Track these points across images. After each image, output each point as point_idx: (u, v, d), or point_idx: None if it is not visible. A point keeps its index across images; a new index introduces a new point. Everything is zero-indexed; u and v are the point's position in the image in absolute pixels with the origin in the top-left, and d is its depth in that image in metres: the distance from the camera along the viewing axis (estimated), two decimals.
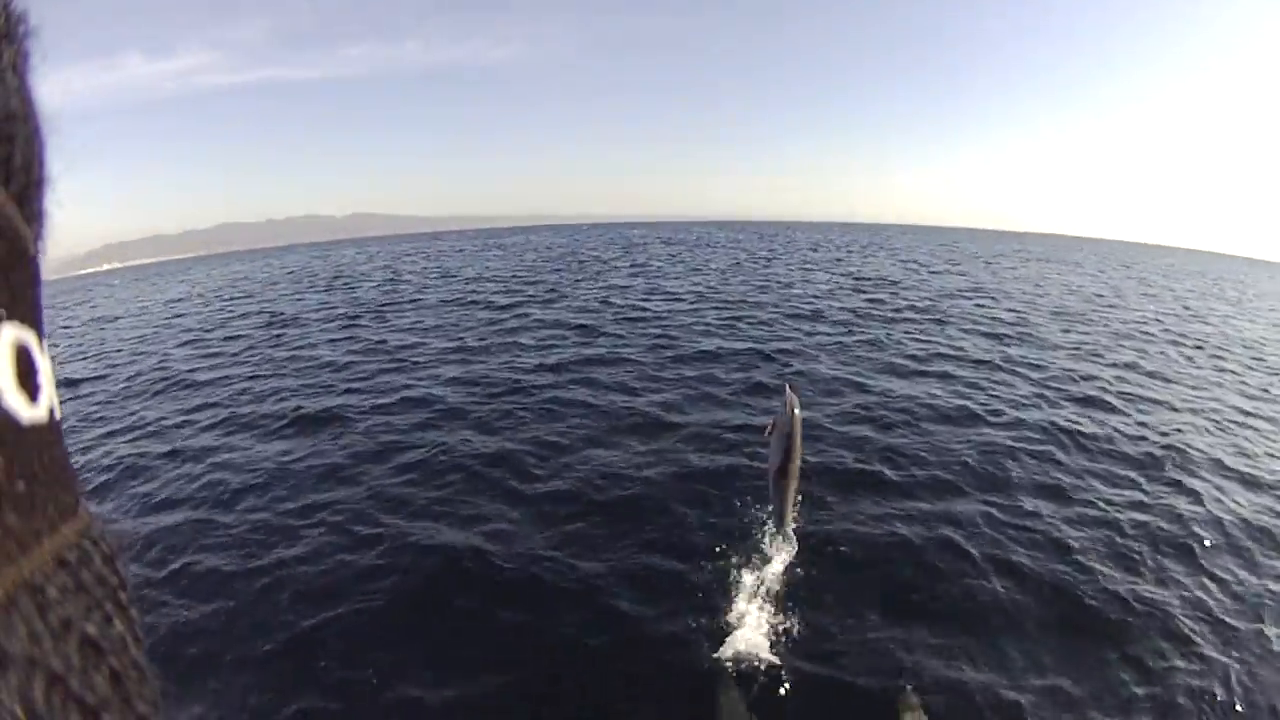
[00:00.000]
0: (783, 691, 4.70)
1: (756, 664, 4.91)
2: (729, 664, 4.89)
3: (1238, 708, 4.75)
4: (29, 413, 0.25)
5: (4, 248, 0.25)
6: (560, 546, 6.45)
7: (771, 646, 5.08)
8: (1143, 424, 10.36)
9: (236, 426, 10.28)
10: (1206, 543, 6.84)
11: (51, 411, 0.28)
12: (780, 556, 6.12)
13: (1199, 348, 17.16)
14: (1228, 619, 5.68)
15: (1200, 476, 8.46)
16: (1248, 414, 11.35)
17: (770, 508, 6.38)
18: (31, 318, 0.27)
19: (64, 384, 13.77)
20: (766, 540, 6.38)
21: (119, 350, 18.19)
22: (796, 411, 5.35)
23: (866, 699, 4.68)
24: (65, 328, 25.22)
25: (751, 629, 5.25)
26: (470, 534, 6.67)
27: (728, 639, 5.12)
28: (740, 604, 5.54)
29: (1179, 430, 10.15)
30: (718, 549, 6.35)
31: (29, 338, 0.26)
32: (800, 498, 6.06)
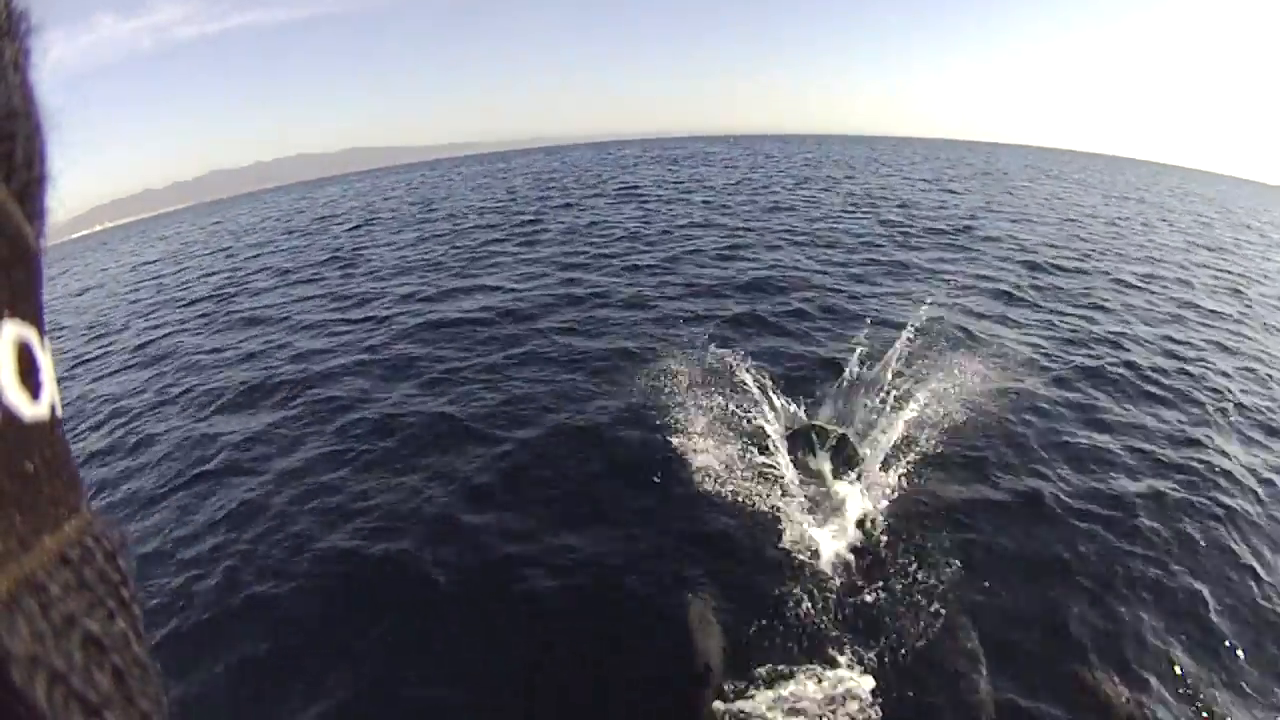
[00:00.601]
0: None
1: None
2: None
3: None
4: (31, 410, 0.25)
5: (5, 246, 0.24)
6: (537, 546, 5.38)
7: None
8: (1224, 373, 9.35)
9: (170, 414, 9.04)
10: None
11: (53, 409, 0.27)
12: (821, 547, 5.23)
13: (1234, 289, 15.08)
14: None
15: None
16: None
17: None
18: (33, 315, 0.26)
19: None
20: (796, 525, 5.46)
21: (90, 326, 16.60)
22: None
23: None
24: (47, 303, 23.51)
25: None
26: (419, 535, 5.56)
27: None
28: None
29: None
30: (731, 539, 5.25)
31: (30, 335, 0.26)
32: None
